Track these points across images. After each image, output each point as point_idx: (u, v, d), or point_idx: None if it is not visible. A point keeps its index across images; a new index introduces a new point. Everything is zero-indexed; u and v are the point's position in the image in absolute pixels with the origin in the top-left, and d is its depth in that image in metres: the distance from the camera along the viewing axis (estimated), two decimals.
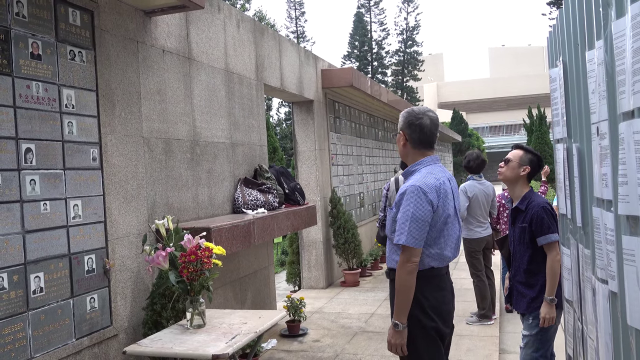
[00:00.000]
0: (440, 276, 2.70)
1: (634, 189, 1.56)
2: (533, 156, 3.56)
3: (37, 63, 3.03)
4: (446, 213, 2.66)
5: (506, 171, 3.57)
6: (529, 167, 3.50)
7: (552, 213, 3.37)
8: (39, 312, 2.95)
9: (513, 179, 3.54)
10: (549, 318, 3.33)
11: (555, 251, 3.34)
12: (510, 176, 3.55)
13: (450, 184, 2.77)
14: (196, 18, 4.67)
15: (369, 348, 5.06)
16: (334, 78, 8.01)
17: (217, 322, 3.42)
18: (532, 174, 3.54)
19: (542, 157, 3.65)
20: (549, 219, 3.35)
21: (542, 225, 3.35)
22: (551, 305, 3.34)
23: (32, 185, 2.95)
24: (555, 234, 3.34)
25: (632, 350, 1.74)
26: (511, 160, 3.55)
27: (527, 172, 3.49)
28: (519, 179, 3.52)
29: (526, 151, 3.57)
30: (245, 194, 5.11)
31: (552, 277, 3.32)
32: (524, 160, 3.52)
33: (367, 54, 46.15)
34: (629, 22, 1.53)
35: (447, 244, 2.69)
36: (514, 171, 3.53)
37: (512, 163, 3.53)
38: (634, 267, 1.62)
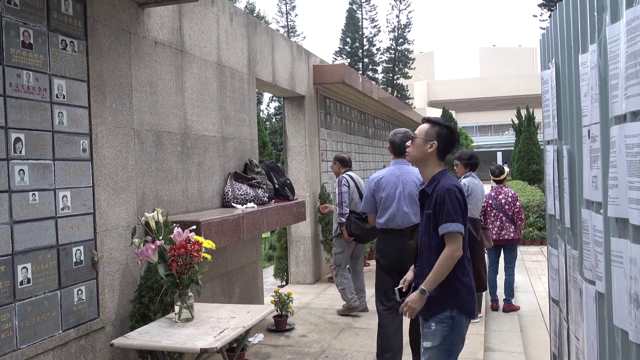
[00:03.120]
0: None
1: (624, 191, 1.58)
2: (442, 128, 2.99)
3: (28, 52, 2.99)
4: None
5: (412, 150, 3.03)
6: (435, 142, 2.95)
7: (458, 198, 2.84)
8: (26, 303, 2.93)
9: (420, 158, 3.00)
10: (410, 308, 2.83)
11: (455, 245, 2.79)
12: (417, 155, 3.00)
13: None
14: (189, 10, 4.64)
15: (355, 344, 5.09)
16: (326, 74, 8.00)
17: (205, 316, 3.42)
18: (444, 149, 2.98)
19: (454, 129, 3.05)
20: (453, 204, 2.81)
21: (442, 211, 2.82)
22: (421, 297, 2.81)
23: (21, 175, 2.92)
24: (456, 224, 2.79)
25: (617, 350, 1.77)
26: (416, 136, 3.02)
27: (435, 148, 2.95)
28: (427, 158, 2.97)
29: (433, 124, 3.01)
30: (235, 188, 5.10)
31: (439, 272, 2.79)
32: (430, 134, 2.97)
33: (358, 50, 46.13)
34: (623, 27, 1.54)
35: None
36: (419, 149, 2.98)
37: (417, 140, 3.00)
38: (622, 269, 1.65)
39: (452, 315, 2.83)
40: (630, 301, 1.56)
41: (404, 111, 14.52)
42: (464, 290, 2.86)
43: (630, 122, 1.52)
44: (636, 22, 1.46)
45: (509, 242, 6.62)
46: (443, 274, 2.79)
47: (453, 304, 2.83)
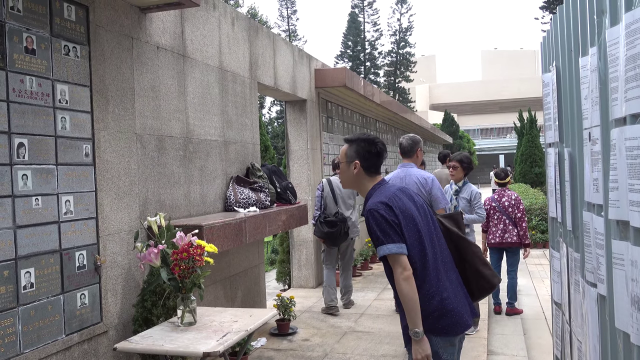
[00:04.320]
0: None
1: (625, 194, 1.59)
2: (359, 144, 2.74)
3: (31, 58, 3.01)
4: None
5: (341, 178, 2.84)
6: (357, 160, 2.72)
7: (383, 215, 2.52)
8: (29, 308, 2.94)
9: (352, 182, 2.78)
10: (421, 357, 2.46)
11: (400, 267, 2.45)
12: (346, 180, 2.80)
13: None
14: (191, 15, 4.66)
15: (358, 347, 5.08)
16: (328, 78, 8.01)
17: (208, 320, 3.43)
18: (369, 165, 2.73)
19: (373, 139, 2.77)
20: (379, 225, 2.52)
21: (372, 235, 2.56)
22: (420, 340, 2.46)
23: (24, 180, 2.93)
24: (389, 245, 2.47)
25: (619, 352, 1.77)
26: (339, 161, 2.81)
27: (359, 167, 2.71)
28: (357, 179, 2.74)
29: (350, 142, 2.78)
30: (237, 192, 5.11)
31: (407, 304, 2.46)
32: (350, 155, 2.75)
33: (360, 54, 46.22)
34: (623, 30, 1.55)
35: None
36: (345, 174, 2.79)
37: (342, 165, 2.79)
38: (623, 271, 1.65)
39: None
40: (632, 303, 1.56)
41: (406, 114, 14.52)
42: (433, 315, 2.52)
43: (630, 125, 1.53)
44: (635, 25, 1.47)
45: (512, 245, 6.61)
46: (411, 301, 2.46)
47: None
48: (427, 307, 2.50)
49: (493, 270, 2.76)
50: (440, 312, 2.52)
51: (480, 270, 2.71)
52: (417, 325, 2.45)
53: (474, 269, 2.72)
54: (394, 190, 2.66)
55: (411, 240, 2.54)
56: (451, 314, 2.53)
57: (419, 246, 2.55)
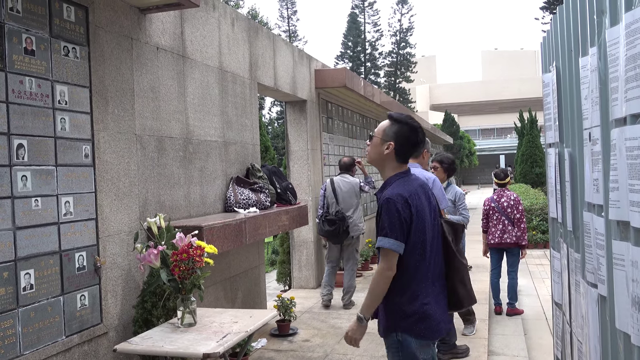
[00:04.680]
0: None
1: (625, 194, 1.58)
2: (402, 127, 2.64)
3: (31, 59, 3.01)
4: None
5: (369, 150, 2.74)
6: (392, 142, 2.63)
7: (399, 210, 2.48)
8: (29, 309, 2.94)
9: (377, 160, 2.70)
10: (349, 338, 2.59)
11: (385, 263, 2.49)
12: (373, 156, 2.71)
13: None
14: (191, 16, 4.66)
15: (358, 348, 5.07)
16: (328, 78, 8.01)
17: (208, 321, 3.42)
18: (402, 151, 2.64)
19: (417, 127, 2.67)
20: (391, 216, 2.48)
21: (379, 222, 2.55)
22: (359, 325, 2.55)
23: (24, 181, 2.93)
24: (388, 239, 2.48)
25: (620, 353, 1.76)
26: (374, 135, 2.73)
27: (391, 149, 2.63)
28: (384, 160, 2.67)
29: (393, 121, 2.68)
30: (237, 192, 5.11)
31: (372, 294, 2.52)
32: (388, 134, 2.65)
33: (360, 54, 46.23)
34: (622, 30, 1.55)
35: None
36: (375, 149, 2.69)
37: (374, 139, 2.70)
38: (624, 272, 1.64)
39: (398, 340, 2.58)
40: (633, 304, 1.56)
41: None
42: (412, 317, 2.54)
43: (631, 125, 1.53)
44: (635, 25, 1.46)
45: (511, 245, 6.61)
46: (376, 296, 2.50)
47: (398, 327, 2.57)
48: (409, 309, 2.54)
49: (469, 292, 2.74)
50: (420, 315, 2.54)
51: (456, 288, 2.69)
52: (368, 314, 2.56)
53: (451, 285, 2.71)
54: (416, 185, 2.63)
55: (415, 241, 2.54)
56: (430, 319, 2.55)
57: (420, 249, 2.55)
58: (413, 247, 2.53)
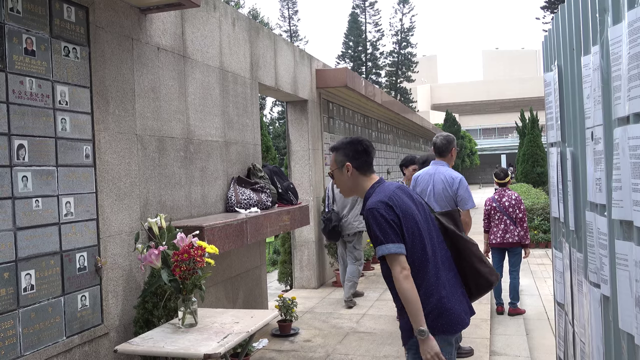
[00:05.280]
0: None
1: (628, 194, 1.57)
2: (345, 147, 2.74)
3: (31, 59, 3.00)
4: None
5: (338, 185, 2.81)
6: (348, 162, 2.71)
7: (383, 215, 2.50)
8: (30, 310, 2.93)
9: (349, 187, 2.76)
10: (430, 357, 2.44)
11: (399, 266, 2.45)
12: (344, 186, 2.78)
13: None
14: (192, 16, 4.65)
15: (360, 348, 5.07)
16: (329, 78, 8.00)
17: (209, 321, 3.41)
18: (360, 163, 2.71)
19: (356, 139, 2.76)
20: (378, 224, 2.50)
21: (371, 235, 2.56)
22: (426, 339, 2.43)
23: (24, 181, 2.93)
24: (388, 245, 2.47)
25: (623, 353, 1.75)
26: (331, 171, 2.81)
27: (351, 168, 2.70)
28: (354, 182, 2.73)
29: (335, 150, 2.78)
30: (239, 192, 5.10)
31: (407, 302, 2.44)
32: (339, 160, 2.74)
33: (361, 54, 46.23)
34: (625, 28, 1.53)
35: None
36: (340, 179, 2.77)
37: (335, 173, 2.78)
38: (627, 272, 1.63)
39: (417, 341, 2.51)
40: (636, 304, 1.55)
41: (407, 115, 14.51)
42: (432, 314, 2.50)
43: (634, 124, 1.51)
44: (638, 24, 1.45)
45: (513, 245, 6.60)
46: (411, 301, 2.44)
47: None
48: (426, 306, 2.49)
49: (491, 267, 2.73)
50: (438, 310, 2.51)
51: (478, 268, 2.68)
52: (421, 324, 2.42)
53: (471, 267, 2.70)
54: (393, 188, 2.64)
55: (411, 239, 2.53)
56: (449, 313, 2.52)
57: (419, 245, 2.55)
58: (411, 245, 2.53)
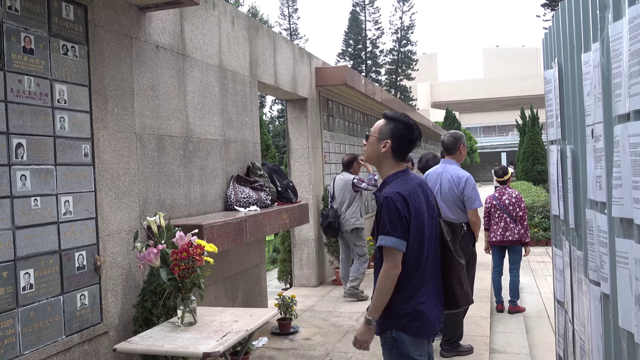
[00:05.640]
0: None
1: (628, 191, 1.56)
2: (397, 125, 2.65)
3: (30, 57, 2.99)
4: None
5: (366, 149, 2.75)
6: (389, 140, 2.64)
7: (398, 208, 2.48)
8: (29, 309, 2.92)
9: (374, 158, 2.70)
10: (359, 342, 2.59)
11: (390, 262, 2.48)
12: (370, 154, 2.72)
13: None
14: (190, 14, 4.64)
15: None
16: (328, 76, 7.99)
17: (208, 319, 3.41)
18: (399, 149, 2.65)
19: (412, 125, 2.67)
20: (390, 214, 2.48)
21: (379, 221, 2.55)
22: (367, 327, 2.55)
23: (23, 180, 2.92)
24: (389, 237, 2.47)
25: (623, 352, 1.74)
26: (370, 134, 2.73)
27: (388, 147, 2.64)
28: (382, 158, 2.67)
29: (388, 120, 2.69)
30: (238, 191, 5.10)
31: (379, 295, 2.50)
32: (384, 132, 2.66)
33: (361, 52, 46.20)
34: (626, 24, 1.52)
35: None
36: (372, 148, 2.70)
37: (371, 138, 2.71)
38: (627, 270, 1.63)
39: (393, 337, 2.58)
40: (636, 302, 1.54)
41: (408, 112, 14.50)
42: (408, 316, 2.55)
43: (634, 121, 1.51)
44: (639, 20, 1.44)
45: (513, 243, 6.59)
46: (383, 296, 2.50)
47: (393, 325, 2.56)
48: (405, 307, 2.55)
49: (467, 292, 2.74)
50: (415, 314, 2.56)
51: (453, 287, 2.69)
52: (376, 316, 2.56)
53: (448, 284, 2.71)
54: (415, 184, 2.63)
55: (413, 240, 2.54)
56: (425, 318, 2.57)
57: (419, 248, 2.56)
58: (411, 246, 2.54)
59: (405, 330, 2.55)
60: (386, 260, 2.50)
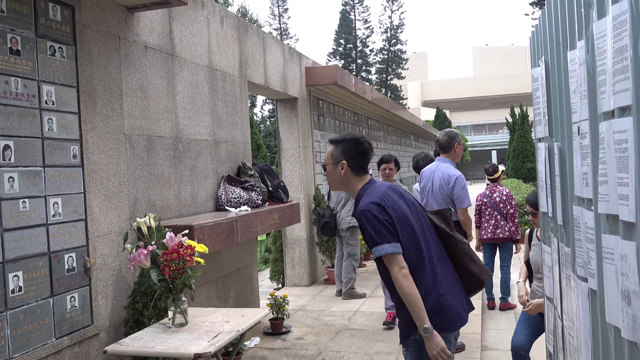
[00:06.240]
0: None
1: (614, 188, 1.58)
2: (344, 144, 2.71)
3: (16, 59, 2.97)
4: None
5: (329, 179, 2.82)
6: (344, 160, 2.69)
7: (376, 216, 2.51)
8: (18, 312, 2.90)
9: (340, 183, 2.76)
10: (437, 353, 2.45)
11: (397, 266, 2.46)
12: (334, 181, 2.78)
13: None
14: (179, 14, 4.63)
15: (352, 345, 5.07)
16: (318, 76, 7.99)
17: (200, 320, 3.40)
18: (356, 164, 2.70)
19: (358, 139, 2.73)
20: (372, 225, 2.50)
21: (366, 236, 2.57)
22: (431, 336, 2.44)
23: (11, 182, 2.90)
24: (384, 245, 2.47)
25: (610, 347, 1.76)
26: (325, 163, 2.81)
27: (345, 167, 2.69)
28: (346, 179, 2.72)
29: (335, 143, 2.75)
30: (229, 191, 5.09)
31: (408, 301, 2.45)
32: (336, 155, 2.72)
33: (351, 51, 46.23)
34: (610, 22, 1.54)
35: None
36: (332, 174, 2.76)
37: (328, 167, 2.78)
38: (613, 266, 1.64)
39: (416, 339, 2.54)
40: (622, 298, 1.56)
41: (398, 112, 14.52)
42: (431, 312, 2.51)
43: (618, 118, 1.52)
44: (622, 18, 1.46)
45: (504, 240, 6.63)
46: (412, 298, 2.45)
47: (414, 327, 2.51)
48: (425, 305, 2.49)
49: (482, 266, 2.75)
50: (438, 308, 2.52)
51: (469, 267, 2.71)
52: (425, 321, 2.43)
53: (463, 267, 2.72)
54: (384, 189, 2.65)
55: (406, 239, 2.54)
56: (448, 310, 2.54)
57: (414, 244, 2.56)
58: (407, 244, 2.54)
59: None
60: (391, 266, 2.49)
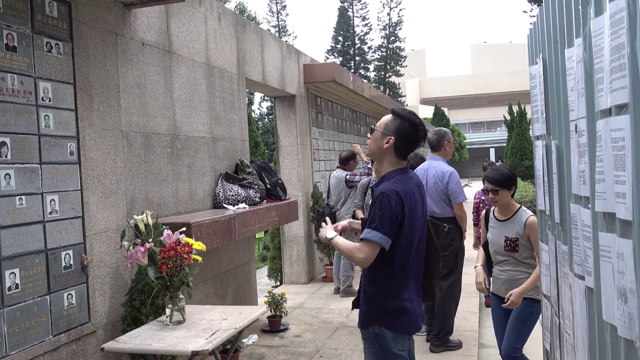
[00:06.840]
0: None
1: (611, 186, 1.58)
2: (403, 122, 2.61)
3: (12, 55, 2.96)
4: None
5: (370, 143, 2.73)
6: (392, 137, 2.60)
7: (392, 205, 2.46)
8: (15, 309, 2.90)
9: (376, 153, 2.68)
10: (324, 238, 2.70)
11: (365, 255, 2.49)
12: (373, 149, 2.69)
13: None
14: (177, 11, 4.61)
15: (349, 343, 5.08)
16: (316, 73, 7.98)
17: (197, 318, 3.40)
18: (402, 147, 2.62)
19: (418, 124, 2.63)
20: (383, 210, 2.46)
21: (370, 212, 2.55)
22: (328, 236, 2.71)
23: (7, 179, 2.89)
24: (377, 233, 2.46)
25: (607, 345, 1.76)
26: (376, 128, 2.70)
27: (391, 144, 2.61)
28: (383, 154, 2.65)
29: (395, 116, 2.65)
30: (226, 189, 5.08)
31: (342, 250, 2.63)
32: (389, 128, 2.62)
33: (349, 49, 46.16)
34: (607, 20, 1.54)
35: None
36: (375, 143, 2.67)
37: (375, 132, 2.67)
38: (610, 264, 1.64)
39: (375, 332, 2.60)
40: (619, 296, 1.56)
41: None
42: (392, 313, 2.59)
43: (616, 116, 1.52)
44: (619, 15, 1.45)
45: None
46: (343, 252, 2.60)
47: (377, 321, 2.59)
48: (390, 304, 2.59)
49: (436, 288, 2.85)
50: (400, 311, 2.60)
51: (432, 282, 2.79)
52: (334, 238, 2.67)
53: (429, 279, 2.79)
54: (412, 184, 2.63)
55: (405, 240, 2.57)
56: (408, 314, 2.61)
57: (407, 248, 2.59)
58: (403, 246, 2.55)
59: (388, 327, 2.59)
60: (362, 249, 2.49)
